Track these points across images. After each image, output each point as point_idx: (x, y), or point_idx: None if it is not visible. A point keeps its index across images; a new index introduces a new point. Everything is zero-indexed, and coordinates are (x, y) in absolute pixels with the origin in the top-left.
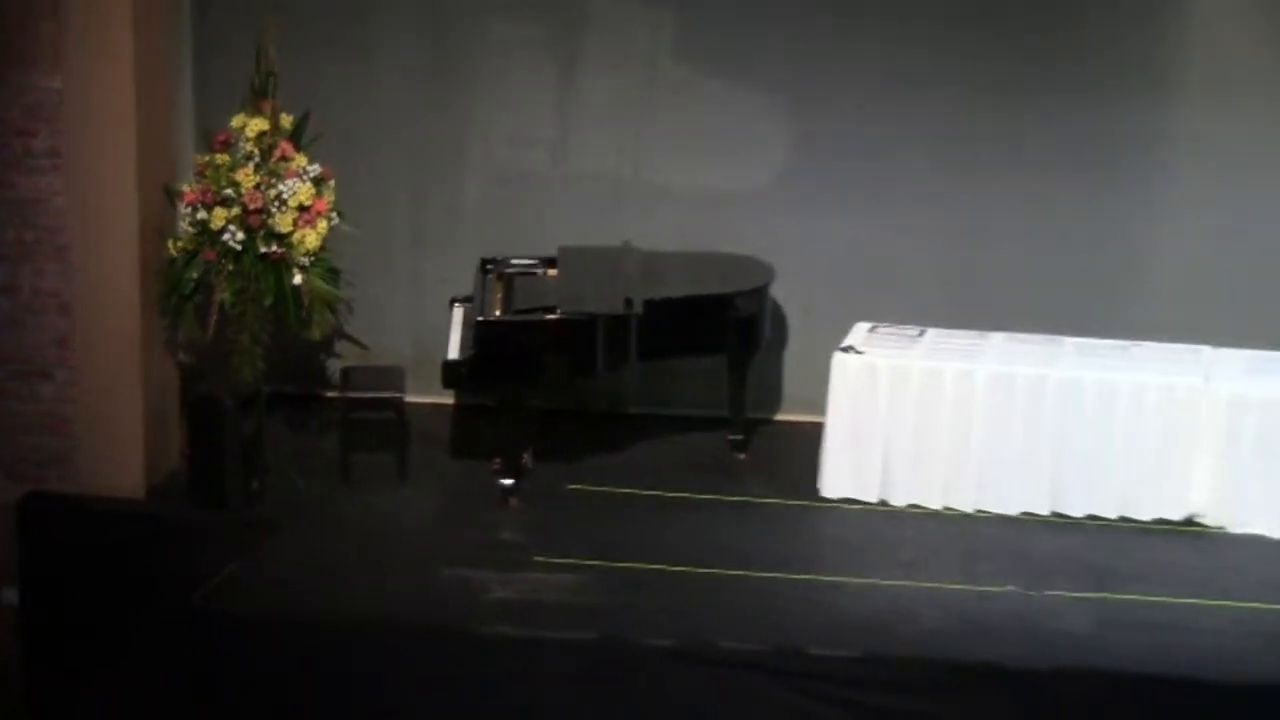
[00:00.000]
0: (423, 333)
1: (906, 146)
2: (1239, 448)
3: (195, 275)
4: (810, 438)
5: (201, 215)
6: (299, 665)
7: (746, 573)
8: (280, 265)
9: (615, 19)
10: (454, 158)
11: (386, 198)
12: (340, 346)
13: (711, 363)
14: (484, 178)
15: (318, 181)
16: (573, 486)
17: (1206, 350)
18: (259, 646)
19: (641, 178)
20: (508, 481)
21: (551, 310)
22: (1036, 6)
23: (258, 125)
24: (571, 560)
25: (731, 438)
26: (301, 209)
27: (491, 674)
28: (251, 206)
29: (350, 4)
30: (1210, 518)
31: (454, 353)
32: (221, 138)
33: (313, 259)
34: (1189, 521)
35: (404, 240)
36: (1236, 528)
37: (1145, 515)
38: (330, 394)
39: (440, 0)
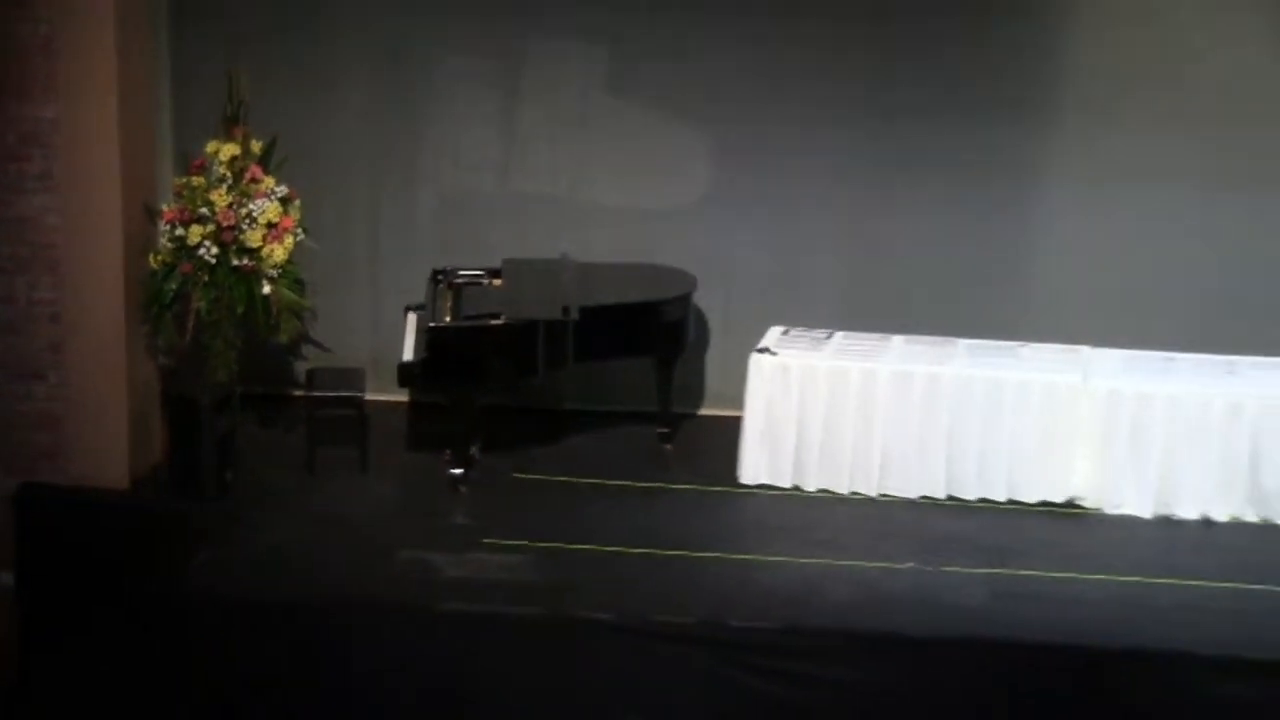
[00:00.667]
0: (380, 337)
1: (814, 167)
2: (1114, 438)
3: (174, 286)
4: (730, 430)
5: (179, 232)
6: (271, 640)
7: (675, 552)
8: (251, 277)
9: (553, 55)
10: (407, 179)
11: (347, 215)
12: (305, 350)
13: (641, 363)
14: (434, 197)
15: (285, 201)
16: (517, 475)
17: (1085, 350)
18: (234, 624)
19: (577, 197)
20: (458, 471)
21: (496, 316)
22: (929, 40)
23: (230, 150)
24: (517, 542)
25: (659, 431)
26: (270, 226)
27: (445, 646)
28: (225, 224)
29: (314, 40)
30: (1089, 500)
31: (408, 355)
32: (197, 162)
33: (280, 271)
34: (1070, 504)
35: (362, 253)
36: (1112, 509)
37: (1031, 498)
38: (297, 393)
39: (395, 36)
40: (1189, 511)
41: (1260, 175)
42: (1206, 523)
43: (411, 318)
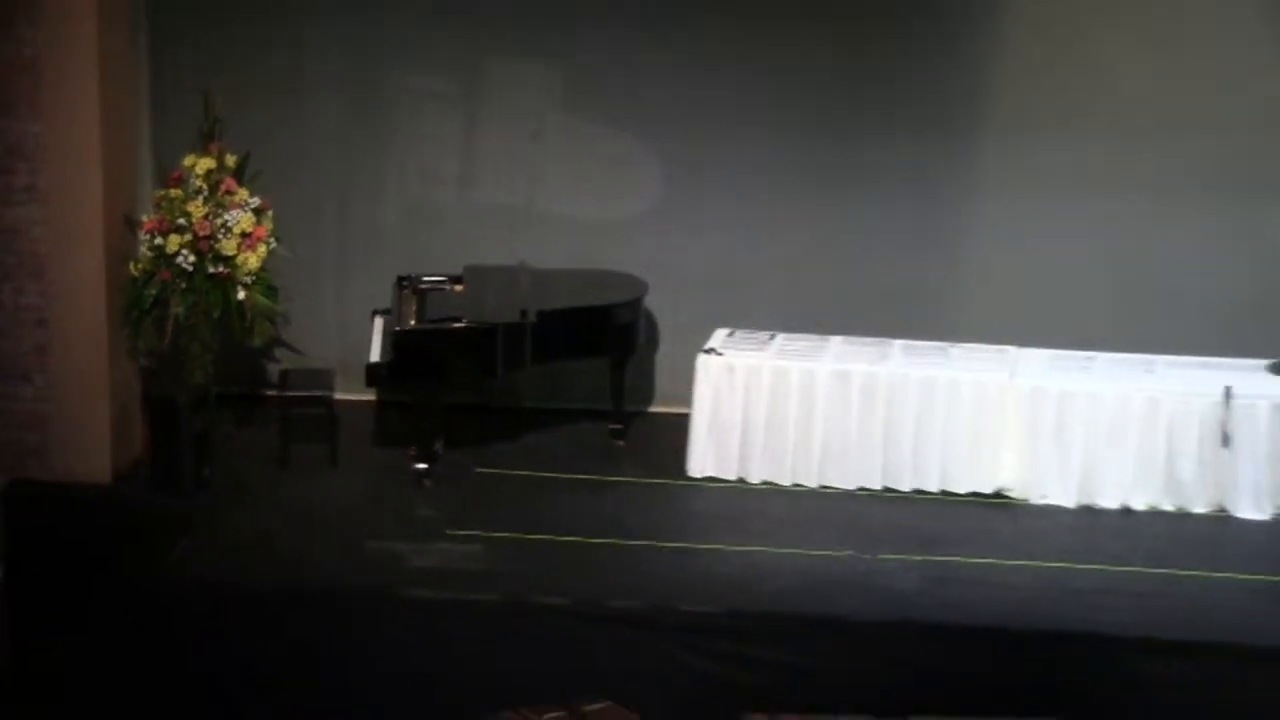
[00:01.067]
0: (348, 340)
1: (755, 179)
2: (1039, 432)
3: (153, 292)
4: (679, 426)
5: (158, 241)
6: (247, 626)
7: (627, 541)
8: (226, 283)
9: (511, 76)
10: (374, 191)
11: (316, 225)
12: (278, 352)
13: (595, 364)
14: (400, 208)
15: (258, 212)
16: (478, 470)
17: (1011, 350)
18: (211, 611)
19: (534, 208)
20: (423, 466)
21: (458, 320)
22: (864, 59)
23: (206, 164)
24: (478, 533)
25: (612, 427)
26: (244, 235)
27: (412, 631)
28: (201, 233)
29: (284, 62)
30: (1016, 491)
31: (376, 357)
32: (175, 175)
33: (254, 278)
34: (998, 494)
35: (331, 261)
36: (1037, 499)
37: (961, 489)
38: (270, 393)
39: (363, 57)
40: (1109, 501)
41: (1171, 183)
42: (1126, 511)
43: (378, 321)
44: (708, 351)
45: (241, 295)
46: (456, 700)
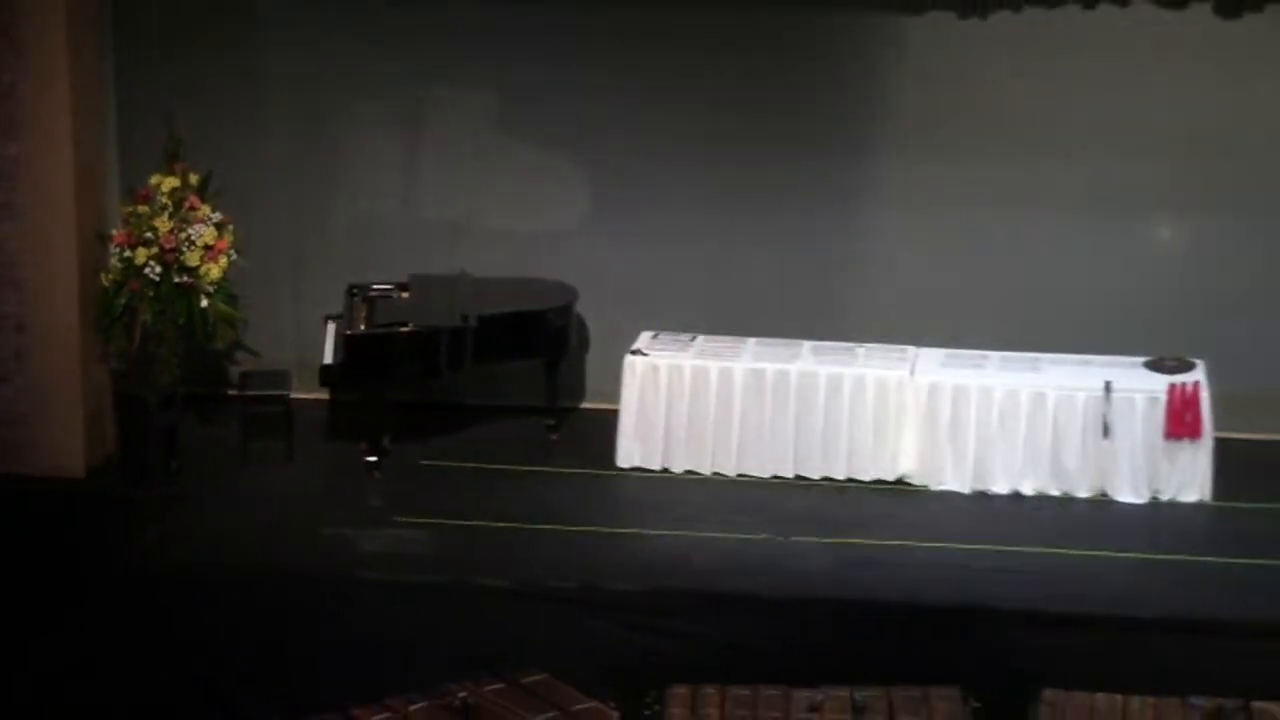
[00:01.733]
0: (303, 343)
1: (678, 192)
2: (936, 424)
3: (123, 301)
4: (608, 421)
5: (128, 254)
6: (211, 609)
7: (561, 527)
8: (191, 292)
9: (451, 100)
10: (326, 206)
11: (273, 238)
12: (239, 355)
13: (530, 364)
14: (350, 222)
15: (220, 226)
16: (424, 462)
17: (911, 350)
18: (178, 594)
19: (473, 222)
20: (373, 459)
21: (405, 324)
22: (770, 79)
23: (171, 182)
24: (424, 520)
25: (547, 423)
26: (207, 248)
27: (363, 611)
28: (167, 246)
29: (243, 88)
30: (916, 478)
31: (329, 359)
32: (142, 193)
33: (216, 287)
34: (900, 481)
35: (287, 271)
36: (936, 486)
37: (867, 477)
38: (231, 393)
39: (315, 84)
40: (1001, 487)
41: (1056, 196)
42: (1016, 496)
43: (331, 326)
44: (634, 352)
45: (205, 303)
46: (406, 673)
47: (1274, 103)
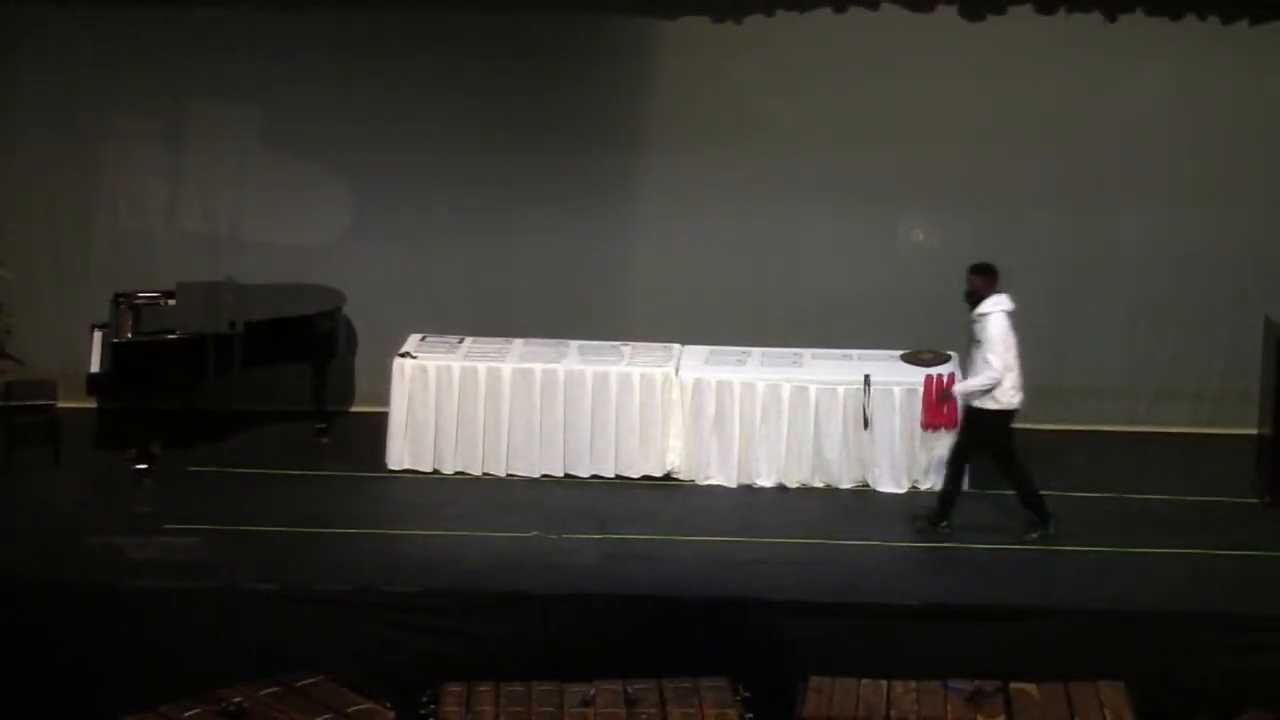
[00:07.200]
0: (69, 352)
1: (440, 196)
2: (701, 420)
3: None
4: (378, 424)
5: None
6: None
7: (333, 530)
8: None
9: (212, 115)
10: (89, 220)
11: (38, 251)
12: (2, 364)
13: (298, 368)
14: (113, 234)
15: None
16: (193, 468)
17: (675, 347)
18: None
19: (235, 234)
20: (141, 466)
21: (171, 332)
22: (537, 81)
23: None
24: (194, 526)
25: (317, 426)
26: None
27: (132, 620)
28: None
29: None
30: (683, 473)
31: (96, 367)
32: None
33: None
34: (667, 477)
35: (52, 282)
36: (702, 480)
37: (635, 473)
38: None
39: (71, 100)
40: (766, 480)
41: (813, 194)
42: (780, 489)
43: (97, 335)
44: (403, 355)
45: None
46: (178, 683)
47: (1021, 102)
